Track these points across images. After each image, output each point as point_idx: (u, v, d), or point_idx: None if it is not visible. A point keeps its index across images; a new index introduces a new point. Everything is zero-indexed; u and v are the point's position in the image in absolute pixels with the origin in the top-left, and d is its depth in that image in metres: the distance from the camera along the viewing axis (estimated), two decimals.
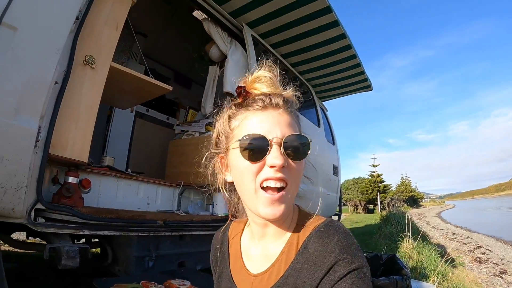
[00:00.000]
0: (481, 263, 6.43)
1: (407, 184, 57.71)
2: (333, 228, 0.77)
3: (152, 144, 4.91)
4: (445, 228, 14.94)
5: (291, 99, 0.86)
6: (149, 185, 3.02)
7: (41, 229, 1.87)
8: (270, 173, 0.74)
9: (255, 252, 0.89)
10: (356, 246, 0.74)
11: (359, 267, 0.69)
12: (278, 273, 0.79)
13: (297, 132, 0.80)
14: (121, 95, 3.21)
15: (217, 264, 1.00)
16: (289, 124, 0.79)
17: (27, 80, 1.75)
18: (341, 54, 4.58)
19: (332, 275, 0.69)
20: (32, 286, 2.66)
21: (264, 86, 0.84)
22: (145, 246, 2.58)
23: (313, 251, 0.74)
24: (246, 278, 0.87)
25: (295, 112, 0.85)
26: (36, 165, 1.81)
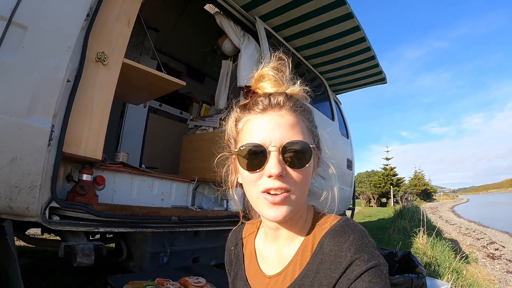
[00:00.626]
0: (494, 259, 6.32)
1: (420, 177, 57.07)
2: (348, 227, 0.75)
3: (165, 139, 4.93)
4: (458, 223, 14.71)
5: (298, 96, 0.82)
6: (163, 181, 3.01)
7: (56, 227, 1.89)
8: (269, 183, 0.72)
9: (270, 253, 0.87)
10: (372, 244, 0.72)
11: (376, 264, 0.67)
12: (293, 274, 0.77)
13: (301, 133, 0.75)
14: (134, 91, 3.21)
15: (232, 266, 0.99)
16: (291, 127, 0.75)
17: (39, 79, 1.74)
18: (355, 47, 4.49)
19: (349, 274, 0.67)
20: (47, 282, 2.68)
21: (268, 84, 0.81)
22: (159, 242, 2.59)
23: (328, 251, 0.72)
24: (261, 280, 0.85)
25: (303, 109, 0.80)
26: (50, 163, 1.82)
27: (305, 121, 0.79)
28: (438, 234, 5.64)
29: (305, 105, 0.82)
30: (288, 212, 0.73)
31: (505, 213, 23.40)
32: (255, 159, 0.73)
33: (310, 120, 0.82)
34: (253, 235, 0.97)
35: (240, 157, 0.75)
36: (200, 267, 2.39)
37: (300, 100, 0.81)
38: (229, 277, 1.00)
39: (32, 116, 1.70)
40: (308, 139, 0.77)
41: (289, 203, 0.73)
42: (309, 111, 0.82)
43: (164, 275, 1.93)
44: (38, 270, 3.14)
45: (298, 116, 0.77)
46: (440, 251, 4.82)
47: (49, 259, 3.71)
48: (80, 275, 2.98)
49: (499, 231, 11.13)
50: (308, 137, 0.77)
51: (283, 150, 0.72)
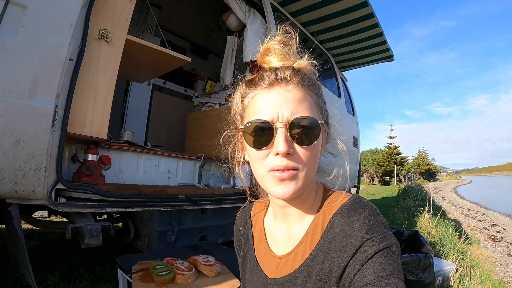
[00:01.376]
0: (496, 242, 6.33)
1: (424, 157, 57.02)
2: (359, 205, 0.72)
3: (170, 117, 4.90)
4: (461, 204, 14.71)
5: (305, 70, 0.77)
6: (169, 159, 3.00)
7: (62, 209, 1.89)
8: (276, 161, 0.69)
9: (279, 233, 0.85)
10: (384, 223, 0.69)
11: (388, 245, 0.64)
12: (303, 254, 0.75)
13: (309, 109, 0.71)
14: (138, 68, 3.15)
15: (241, 247, 0.97)
16: (298, 102, 0.70)
17: (40, 59, 1.70)
18: (363, 23, 4.41)
19: (360, 255, 0.64)
20: (56, 263, 2.72)
21: (274, 58, 0.76)
22: (167, 221, 2.60)
23: (339, 230, 0.70)
24: (271, 260, 0.83)
25: (311, 83, 0.75)
26: (55, 145, 1.80)
27: (313, 96, 0.75)
28: (442, 214, 5.64)
29: (313, 80, 0.77)
30: (296, 190, 0.70)
31: (507, 196, 23.40)
32: (262, 136, 0.70)
33: (319, 95, 0.77)
34: (262, 214, 0.95)
35: (246, 134, 0.72)
36: (208, 245, 2.40)
37: (307, 74, 0.76)
38: (239, 258, 0.99)
39: (34, 97, 1.67)
40: (317, 115, 0.73)
41: (297, 180, 0.70)
42: (317, 85, 0.78)
43: (173, 254, 1.93)
44: (46, 252, 3.18)
45: (305, 90, 0.73)
46: (444, 231, 4.83)
47: (57, 241, 3.75)
48: (88, 255, 3.01)
49: (501, 214, 11.12)
50: (316, 113, 0.74)
51: (290, 126, 0.68)
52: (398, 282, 0.62)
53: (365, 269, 0.63)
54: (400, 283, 0.62)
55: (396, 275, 0.62)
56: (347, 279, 0.66)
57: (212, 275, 1.66)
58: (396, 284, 0.61)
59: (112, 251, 3.16)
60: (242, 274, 0.95)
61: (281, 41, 0.77)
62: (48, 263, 2.70)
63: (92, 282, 2.36)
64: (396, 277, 0.62)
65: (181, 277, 1.55)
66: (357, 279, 0.64)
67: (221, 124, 0.91)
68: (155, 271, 1.53)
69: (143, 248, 2.59)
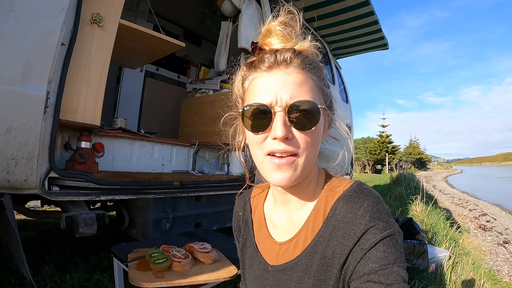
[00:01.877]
0: (486, 231, 6.43)
1: (415, 146, 57.59)
2: (362, 192, 0.71)
3: (163, 103, 4.84)
4: (452, 193, 14.90)
5: (307, 52, 0.74)
6: (163, 146, 2.98)
7: (56, 198, 1.86)
8: (274, 145, 0.67)
9: (280, 219, 0.84)
10: (387, 211, 0.68)
11: (391, 233, 0.64)
12: (305, 241, 0.74)
13: (310, 92, 0.69)
14: (131, 54, 3.09)
15: (240, 233, 0.96)
16: (299, 85, 0.68)
17: (32, 44, 1.65)
18: (359, 10, 4.37)
19: (363, 243, 0.64)
20: (51, 254, 2.69)
21: (275, 40, 0.73)
22: (162, 208, 2.59)
23: (341, 217, 0.69)
24: (271, 247, 0.82)
25: (313, 66, 0.72)
26: (47, 132, 1.76)
27: (314, 79, 0.72)
28: (434, 203, 5.73)
29: (316, 62, 0.74)
30: (294, 177, 0.69)
31: (497, 186, 23.74)
32: (260, 119, 0.68)
33: (321, 78, 0.75)
34: (262, 199, 0.93)
35: (245, 117, 0.71)
36: (203, 232, 2.39)
37: (309, 56, 0.73)
38: (238, 244, 0.98)
39: (26, 83, 1.62)
40: (318, 99, 0.71)
41: (295, 167, 0.68)
42: (319, 68, 0.75)
43: (168, 241, 1.92)
44: (40, 243, 3.16)
45: (306, 73, 0.70)
46: (435, 220, 4.90)
47: (51, 230, 3.72)
48: (82, 245, 3.00)
49: (491, 204, 11.27)
50: (317, 96, 0.71)
51: (289, 110, 0.67)
52: (401, 270, 0.62)
53: (368, 258, 0.63)
54: (402, 272, 0.62)
55: (399, 263, 0.62)
56: (349, 266, 0.65)
57: (209, 262, 1.66)
58: (399, 272, 0.61)
59: (107, 240, 3.14)
60: (241, 260, 0.94)
61: (283, 22, 0.74)
62: (43, 254, 2.68)
63: (87, 272, 2.35)
64: (399, 265, 0.62)
65: (178, 264, 1.55)
66: (359, 267, 0.64)
67: (215, 110, 0.90)
68: (152, 259, 1.52)
69: (138, 236, 2.58)
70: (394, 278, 0.60)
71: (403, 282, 0.60)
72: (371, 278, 0.61)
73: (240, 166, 3.43)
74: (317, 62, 0.75)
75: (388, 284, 0.59)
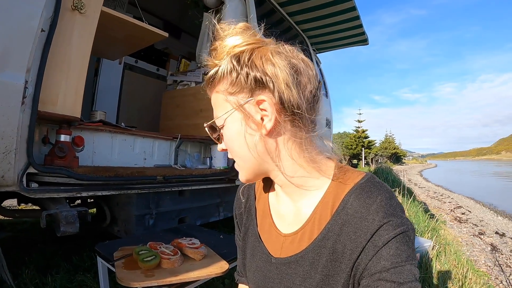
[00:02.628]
0: (461, 223, 6.68)
1: (391, 141, 58.89)
2: (374, 186, 0.68)
3: (142, 96, 4.73)
4: (427, 187, 15.35)
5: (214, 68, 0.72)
6: (145, 140, 2.90)
7: (35, 195, 1.74)
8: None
9: (286, 209, 0.81)
10: (401, 207, 0.67)
11: (404, 230, 0.62)
12: (311, 234, 0.72)
13: (217, 109, 0.76)
14: (112, 44, 2.96)
15: (242, 221, 0.93)
16: (213, 107, 0.77)
17: (9, 29, 1.53)
18: (341, 5, 4.39)
19: (376, 240, 0.62)
20: (30, 255, 2.57)
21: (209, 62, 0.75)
22: (145, 204, 2.52)
23: (353, 212, 0.66)
24: (275, 238, 0.80)
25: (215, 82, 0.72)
26: (25, 124, 1.65)
27: (220, 93, 0.73)
28: (411, 196, 5.87)
29: (219, 74, 0.71)
30: (244, 176, 0.78)
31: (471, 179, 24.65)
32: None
33: (226, 87, 0.71)
34: (268, 187, 0.90)
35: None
36: (188, 228, 2.34)
37: (211, 74, 0.73)
38: (238, 231, 0.96)
39: (2, 71, 1.51)
40: (221, 109, 0.74)
41: (239, 168, 0.78)
42: (224, 77, 0.71)
43: (154, 238, 1.86)
44: (18, 243, 3.02)
45: (215, 93, 0.75)
46: (415, 211, 5.02)
47: (29, 230, 3.55)
48: (62, 244, 2.88)
49: (465, 197, 11.70)
50: (221, 108, 0.74)
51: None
52: (413, 268, 0.61)
53: (380, 255, 0.61)
54: (414, 270, 0.61)
55: (411, 261, 0.61)
56: (361, 263, 0.63)
57: (199, 258, 1.61)
58: (411, 270, 0.60)
59: (87, 238, 3.03)
60: (242, 249, 0.91)
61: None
62: (22, 255, 2.56)
63: (69, 273, 2.26)
64: (411, 263, 0.61)
65: (167, 261, 1.49)
66: (371, 264, 0.62)
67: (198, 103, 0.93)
68: (140, 257, 1.46)
69: (121, 233, 2.50)
70: (406, 277, 0.59)
71: (415, 281, 0.59)
72: (383, 276, 0.60)
73: (223, 159, 3.42)
74: (222, 71, 0.71)
75: (400, 283, 0.58)
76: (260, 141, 0.71)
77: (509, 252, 4.59)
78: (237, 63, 0.69)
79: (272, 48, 0.70)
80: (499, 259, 4.22)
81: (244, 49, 0.69)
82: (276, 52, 0.70)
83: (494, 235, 5.69)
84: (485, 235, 5.62)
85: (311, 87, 0.72)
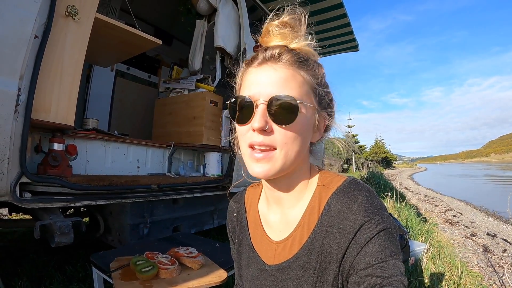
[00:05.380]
0: (453, 225, 6.71)
1: (381, 145, 59.40)
2: (355, 187, 0.72)
3: (134, 103, 4.68)
4: (417, 190, 15.43)
5: (301, 50, 0.75)
6: (138, 147, 2.87)
7: (28, 205, 1.70)
8: (254, 137, 0.70)
9: (275, 218, 0.84)
10: (381, 205, 0.70)
11: (386, 227, 0.65)
12: (301, 239, 0.75)
13: (295, 89, 0.70)
14: (105, 50, 2.93)
15: (236, 234, 0.96)
16: (285, 81, 0.70)
17: (2, 35, 1.50)
18: (332, 13, 4.42)
19: (360, 238, 0.65)
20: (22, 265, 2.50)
21: (271, 38, 0.76)
22: (139, 213, 2.49)
23: (336, 213, 0.70)
24: (268, 246, 0.82)
25: (305, 64, 0.73)
26: (18, 133, 1.61)
27: (305, 76, 0.73)
28: (403, 199, 5.91)
29: (310, 60, 0.75)
30: (272, 171, 0.71)
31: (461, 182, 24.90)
32: (244, 111, 0.72)
33: (316, 77, 0.75)
34: (256, 199, 0.93)
35: (232, 109, 0.75)
36: (183, 236, 2.31)
37: (301, 54, 0.74)
38: (233, 244, 0.98)
39: None
40: (306, 96, 0.72)
41: (274, 160, 0.70)
42: (313, 66, 0.75)
43: (149, 247, 1.83)
44: (10, 254, 2.93)
45: (295, 70, 0.72)
46: (407, 215, 5.05)
47: (20, 240, 3.45)
48: (55, 254, 2.81)
49: (456, 199, 11.77)
50: (306, 94, 0.72)
51: (269, 104, 0.69)
52: (397, 263, 0.63)
53: (364, 252, 0.64)
54: (399, 264, 0.63)
55: (395, 256, 0.63)
56: (347, 262, 0.66)
57: (197, 267, 1.58)
58: (395, 265, 0.62)
59: (80, 248, 2.96)
60: (237, 261, 0.94)
61: (282, 22, 0.76)
62: (14, 266, 2.48)
63: (63, 284, 2.20)
64: (395, 258, 0.63)
65: (165, 271, 1.47)
66: (356, 262, 0.64)
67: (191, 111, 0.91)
68: (138, 268, 1.43)
69: (115, 243, 2.45)
70: (391, 271, 0.61)
71: (400, 275, 0.61)
72: (369, 272, 0.62)
73: (217, 167, 3.39)
74: (311, 60, 0.75)
75: (386, 277, 0.60)
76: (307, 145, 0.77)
77: (501, 253, 4.62)
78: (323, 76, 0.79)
79: None
80: (492, 260, 4.25)
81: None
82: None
83: (485, 236, 5.72)
84: (477, 237, 5.66)
85: None
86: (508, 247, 4.95)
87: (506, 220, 7.06)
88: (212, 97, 3.32)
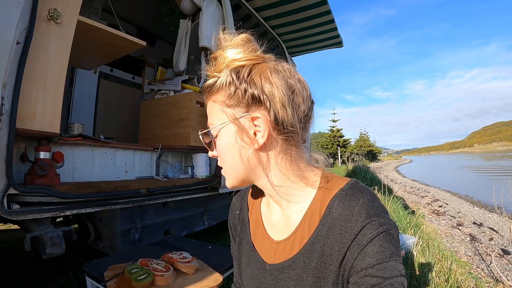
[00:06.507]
0: (439, 216, 6.84)
1: (365, 139, 60.02)
2: (357, 190, 0.72)
3: (118, 106, 4.63)
4: (403, 182, 15.62)
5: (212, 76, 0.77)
6: (125, 152, 2.82)
7: (17, 217, 1.64)
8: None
9: (276, 217, 0.85)
10: (383, 208, 0.71)
11: (387, 229, 0.66)
12: (302, 239, 0.75)
13: (211, 118, 0.79)
14: (89, 53, 2.86)
15: (237, 231, 0.96)
16: (208, 114, 0.80)
17: None
18: (316, 9, 4.44)
19: (360, 239, 0.66)
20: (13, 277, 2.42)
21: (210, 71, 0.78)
22: (129, 218, 2.45)
23: (338, 215, 0.70)
24: (268, 246, 0.83)
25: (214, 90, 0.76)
26: (3, 143, 1.56)
27: (217, 103, 0.76)
28: (390, 192, 5.97)
29: (218, 84, 0.74)
30: (230, 183, 0.81)
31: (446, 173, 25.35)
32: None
33: (223, 99, 0.74)
34: (259, 198, 0.94)
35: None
36: (175, 240, 2.28)
37: (211, 83, 0.76)
38: (233, 242, 0.98)
39: None
40: (217, 119, 0.76)
41: (227, 175, 0.81)
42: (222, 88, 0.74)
43: (142, 253, 1.80)
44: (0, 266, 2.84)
45: (211, 101, 0.78)
46: (394, 208, 5.11)
47: (8, 251, 3.34)
48: (46, 264, 2.74)
49: (441, 190, 11.98)
50: (216, 117, 0.77)
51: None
52: (398, 264, 0.64)
53: (365, 253, 0.64)
54: (399, 266, 0.64)
55: (395, 258, 0.64)
56: (347, 263, 0.67)
57: (192, 272, 1.57)
58: (395, 266, 0.63)
59: (71, 256, 2.90)
60: (237, 259, 0.94)
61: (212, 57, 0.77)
62: (5, 278, 2.41)
63: None
64: (395, 260, 0.64)
65: (161, 278, 1.44)
66: (357, 263, 0.65)
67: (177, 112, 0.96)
68: (133, 276, 1.40)
69: (106, 249, 2.41)
70: (391, 272, 0.62)
71: (400, 276, 0.62)
72: (369, 272, 0.63)
73: (205, 168, 3.38)
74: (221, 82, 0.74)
75: (386, 278, 0.61)
76: (252, 154, 0.76)
77: (487, 241, 4.73)
78: (236, 77, 0.72)
79: (271, 65, 0.74)
80: (479, 248, 4.35)
81: (244, 64, 0.73)
82: (275, 71, 0.73)
83: (472, 225, 5.85)
84: (463, 226, 5.78)
85: (305, 107, 0.75)
86: (495, 235, 5.07)
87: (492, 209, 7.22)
88: (198, 98, 3.30)
